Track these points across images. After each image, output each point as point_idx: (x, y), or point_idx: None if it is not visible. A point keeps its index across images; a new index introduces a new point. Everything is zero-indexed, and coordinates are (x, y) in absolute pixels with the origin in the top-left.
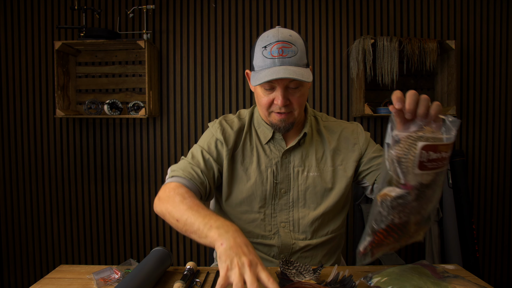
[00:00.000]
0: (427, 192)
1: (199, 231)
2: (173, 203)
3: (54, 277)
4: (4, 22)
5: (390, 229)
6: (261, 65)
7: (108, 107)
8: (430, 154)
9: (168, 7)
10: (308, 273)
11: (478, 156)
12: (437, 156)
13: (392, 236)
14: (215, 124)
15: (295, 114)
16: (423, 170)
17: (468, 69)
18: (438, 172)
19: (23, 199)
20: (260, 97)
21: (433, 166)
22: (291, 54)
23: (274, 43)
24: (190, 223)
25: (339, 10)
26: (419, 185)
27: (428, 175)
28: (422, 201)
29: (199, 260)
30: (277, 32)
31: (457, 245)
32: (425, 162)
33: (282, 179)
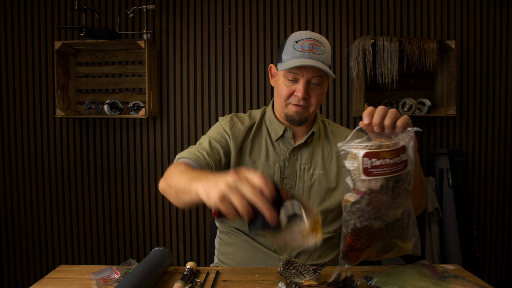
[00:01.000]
0: (381, 197)
1: (185, 188)
2: (169, 173)
3: (54, 277)
4: (4, 22)
5: (355, 233)
6: (291, 56)
7: (108, 107)
8: (373, 161)
9: (168, 7)
10: (308, 273)
11: (478, 156)
12: (380, 163)
13: (359, 240)
14: (226, 118)
15: (310, 110)
16: (368, 176)
17: (468, 69)
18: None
19: (23, 199)
20: (281, 87)
21: (378, 172)
22: (320, 52)
23: (306, 39)
24: (178, 184)
25: (339, 10)
26: (369, 190)
27: (376, 181)
28: (377, 207)
29: (199, 260)
30: (309, 32)
31: (457, 245)
32: (369, 169)
33: (289, 175)
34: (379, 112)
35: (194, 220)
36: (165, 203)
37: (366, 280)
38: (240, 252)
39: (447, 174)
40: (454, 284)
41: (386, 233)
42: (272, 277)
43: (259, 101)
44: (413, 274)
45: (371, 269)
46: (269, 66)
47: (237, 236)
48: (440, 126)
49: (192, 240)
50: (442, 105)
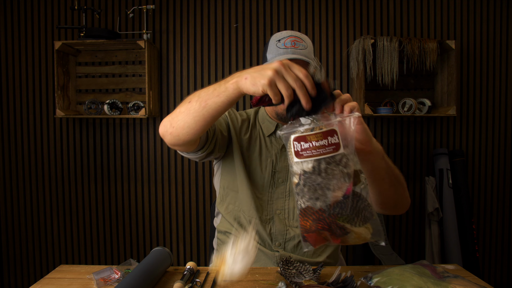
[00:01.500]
0: (315, 178)
1: (215, 91)
2: (180, 104)
3: (54, 277)
4: (4, 22)
5: (302, 213)
6: (274, 54)
7: (108, 107)
8: (302, 144)
9: (168, 7)
10: (308, 273)
11: (478, 156)
12: (308, 146)
13: (307, 221)
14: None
15: None
16: (300, 158)
17: (468, 69)
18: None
19: (23, 199)
20: None
21: (307, 154)
22: (302, 47)
23: (288, 36)
24: (204, 92)
25: (339, 10)
26: (302, 171)
27: (307, 163)
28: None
29: (199, 260)
30: (290, 31)
31: (457, 245)
32: (300, 152)
33: (281, 169)
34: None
35: (194, 220)
36: (165, 203)
37: (366, 280)
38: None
39: (447, 174)
40: (454, 284)
41: (328, 214)
42: (272, 277)
43: None
44: (413, 274)
45: (371, 269)
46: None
47: (233, 235)
48: (440, 126)
49: (192, 240)
50: (442, 105)
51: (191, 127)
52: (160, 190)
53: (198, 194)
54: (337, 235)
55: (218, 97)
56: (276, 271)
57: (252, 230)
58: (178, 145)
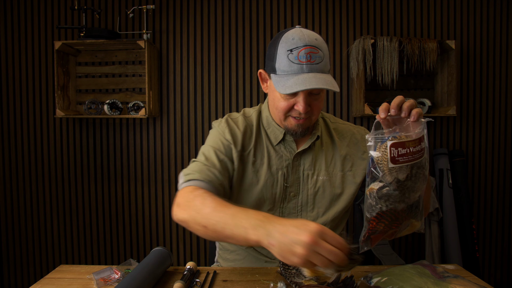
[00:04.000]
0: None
1: (234, 236)
2: (194, 208)
3: (54, 277)
4: (4, 22)
5: (380, 216)
6: (287, 70)
7: (108, 107)
8: (399, 150)
9: (168, 7)
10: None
11: (478, 156)
12: (405, 151)
13: (383, 222)
14: (222, 124)
15: (312, 120)
16: (395, 164)
17: (468, 69)
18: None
19: (23, 199)
20: (279, 100)
21: (404, 160)
22: (319, 60)
23: (302, 47)
24: (221, 228)
25: (339, 10)
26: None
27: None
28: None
29: (199, 260)
30: (302, 34)
31: (457, 245)
32: (396, 157)
33: (292, 182)
34: (397, 98)
35: None
36: (165, 203)
37: (366, 280)
38: (241, 260)
39: (447, 174)
40: (454, 284)
41: (407, 213)
42: (272, 277)
43: (259, 101)
44: (413, 274)
45: (371, 269)
46: (259, 72)
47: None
48: (440, 126)
49: (192, 240)
50: (442, 105)
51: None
52: (160, 190)
53: None
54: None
55: (238, 242)
56: (276, 271)
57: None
58: None
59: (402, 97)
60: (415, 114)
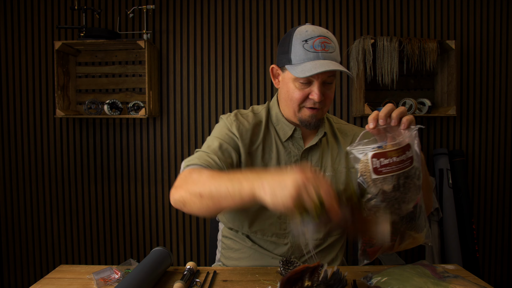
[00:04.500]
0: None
1: (229, 193)
2: (191, 181)
3: (54, 277)
4: (4, 22)
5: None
6: (303, 58)
7: (108, 107)
8: (381, 160)
9: (168, 7)
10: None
11: (478, 156)
12: (388, 161)
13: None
14: (230, 117)
15: (324, 111)
16: (378, 175)
17: (468, 69)
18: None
19: (23, 199)
20: (293, 91)
21: (387, 170)
22: (332, 50)
23: (317, 37)
24: (216, 189)
25: (339, 10)
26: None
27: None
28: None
29: (199, 260)
30: (314, 27)
31: (457, 245)
32: (378, 168)
33: None
34: (386, 108)
35: (194, 220)
36: (165, 203)
37: (366, 280)
38: (245, 258)
39: (447, 174)
40: (454, 284)
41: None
42: (272, 277)
43: (259, 101)
44: (413, 274)
45: (371, 269)
46: (271, 67)
47: (242, 243)
48: (440, 126)
49: (192, 240)
50: (442, 105)
51: (206, 214)
52: (160, 190)
53: None
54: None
55: (233, 201)
56: (276, 271)
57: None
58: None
59: (392, 105)
60: (405, 122)
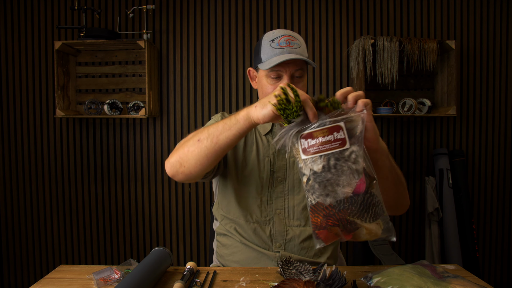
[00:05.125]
0: (325, 175)
1: (226, 125)
2: (187, 139)
3: (54, 277)
4: (4, 22)
5: (313, 210)
6: (270, 55)
7: (108, 107)
8: (308, 141)
9: (168, 7)
10: (308, 273)
11: (478, 156)
12: (315, 142)
13: (317, 217)
14: (217, 115)
15: None
16: (306, 155)
17: (468, 69)
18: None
19: (23, 199)
20: (266, 86)
21: (314, 151)
22: (297, 46)
23: (281, 36)
24: (214, 129)
25: (339, 10)
26: (312, 171)
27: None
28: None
29: (199, 260)
30: (281, 29)
31: (457, 245)
32: (306, 148)
33: (279, 168)
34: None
35: (194, 220)
36: (165, 203)
37: (366, 280)
38: (238, 253)
39: (447, 174)
40: (454, 284)
41: (338, 209)
42: (272, 277)
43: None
44: (413, 274)
45: (371, 269)
46: (248, 70)
47: (233, 238)
48: (440, 126)
49: (192, 240)
50: (442, 105)
51: (203, 164)
52: (160, 190)
53: (198, 194)
54: (348, 231)
55: (230, 130)
56: (276, 271)
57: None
58: (190, 180)
59: (350, 88)
60: (361, 104)
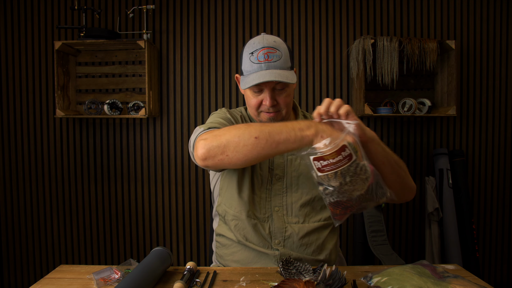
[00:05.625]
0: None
1: (290, 137)
2: (235, 130)
3: (54, 277)
4: (4, 22)
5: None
6: (249, 70)
7: (108, 107)
8: (321, 162)
9: (168, 7)
10: (308, 273)
11: (478, 156)
12: (327, 163)
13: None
14: (222, 109)
15: (283, 113)
16: (322, 173)
17: (468, 69)
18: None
19: (23, 199)
20: (250, 98)
21: (329, 169)
22: (276, 59)
23: (260, 49)
24: (276, 133)
25: (339, 10)
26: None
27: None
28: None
29: (199, 260)
30: (262, 38)
31: (457, 245)
32: (321, 168)
33: (277, 166)
34: (324, 103)
35: (194, 220)
36: (165, 203)
37: (366, 280)
38: (237, 252)
39: (447, 174)
40: (454, 284)
41: (355, 201)
42: (272, 277)
43: None
44: (413, 274)
45: (371, 269)
46: (235, 77)
47: (232, 238)
48: (440, 126)
49: (192, 240)
50: (442, 105)
51: (249, 161)
52: (160, 190)
53: (198, 194)
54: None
55: (293, 143)
56: (276, 271)
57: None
58: (219, 168)
59: (329, 100)
60: (343, 114)
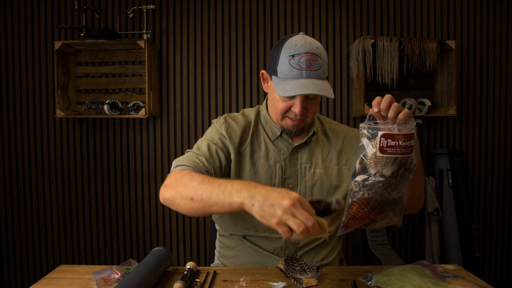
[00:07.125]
0: (391, 180)
1: (219, 201)
2: (182, 184)
3: (54, 277)
4: (4, 22)
5: (361, 202)
6: (287, 74)
7: (108, 107)
8: (388, 141)
9: (168, 7)
10: (311, 271)
11: (478, 156)
12: (395, 144)
13: (362, 209)
14: (220, 120)
15: (307, 121)
16: (383, 154)
17: (468, 69)
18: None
19: (23, 199)
20: (278, 102)
21: (393, 152)
22: (317, 67)
23: (303, 54)
24: (207, 196)
25: (339, 10)
26: (380, 173)
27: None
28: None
29: (199, 260)
30: (304, 41)
31: (457, 245)
32: (384, 148)
33: (290, 175)
34: (386, 99)
35: (194, 220)
36: None
37: (366, 280)
38: (242, 256)
39: (447, 174)
40: (454, 284)
41: (386, 205)
42: (272, 277)
43: (259, 101)
44: (413, 274)
45: (371, 269)
46: (261, 72)
47: (238, 241)
48: (440, 126)
49: (192, 240)
50: (442, 105)
51: (194, 215)
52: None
53: None
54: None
55: (222, 208)
56: (276, 266)
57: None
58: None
59: (390, 98)
60: (401, 118)
